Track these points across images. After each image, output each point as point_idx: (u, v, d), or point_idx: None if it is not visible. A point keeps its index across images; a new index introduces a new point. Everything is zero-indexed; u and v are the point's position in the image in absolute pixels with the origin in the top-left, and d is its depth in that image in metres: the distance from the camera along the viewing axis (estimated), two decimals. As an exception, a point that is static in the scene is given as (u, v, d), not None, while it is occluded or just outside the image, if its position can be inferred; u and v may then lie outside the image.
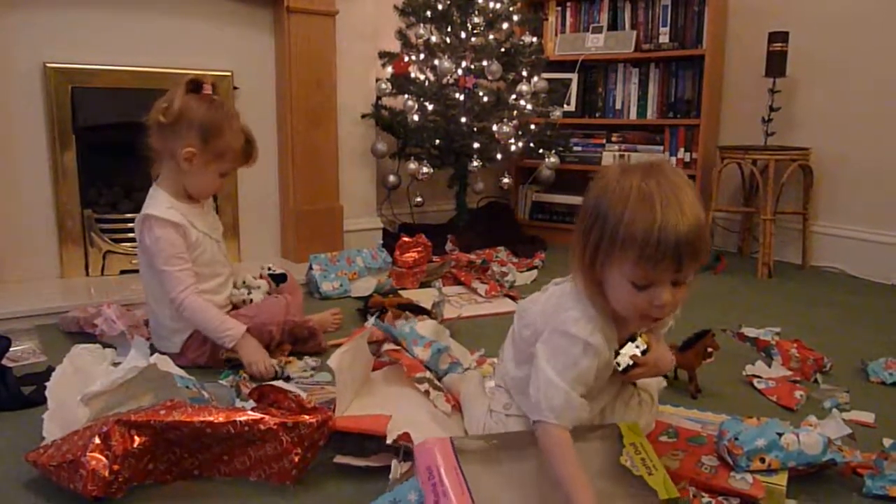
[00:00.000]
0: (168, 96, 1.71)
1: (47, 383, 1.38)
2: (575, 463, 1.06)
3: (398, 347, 1.65)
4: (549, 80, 3.18)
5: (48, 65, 2.32)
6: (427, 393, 1.45)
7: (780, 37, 2.87)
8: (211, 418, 1.20)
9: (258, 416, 1.22)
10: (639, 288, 1.06)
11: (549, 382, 1.10)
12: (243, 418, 1.21)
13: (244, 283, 1.97)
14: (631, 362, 1.19)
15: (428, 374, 1.50)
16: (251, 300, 1.91)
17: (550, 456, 1.08)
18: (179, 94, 1.69)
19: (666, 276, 1.04)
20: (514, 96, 3.02)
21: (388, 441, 1.24)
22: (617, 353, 1.18)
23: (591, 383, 1.13)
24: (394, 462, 1.22)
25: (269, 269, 2.07)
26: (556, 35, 3.63)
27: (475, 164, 2.98)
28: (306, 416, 1.22)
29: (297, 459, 1.21)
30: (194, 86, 1.74)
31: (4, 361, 1.67)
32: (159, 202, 1.73)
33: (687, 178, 1.07)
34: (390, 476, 1.19)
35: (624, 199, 1.03)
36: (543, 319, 1.18)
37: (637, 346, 1.19)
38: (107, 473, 1.13)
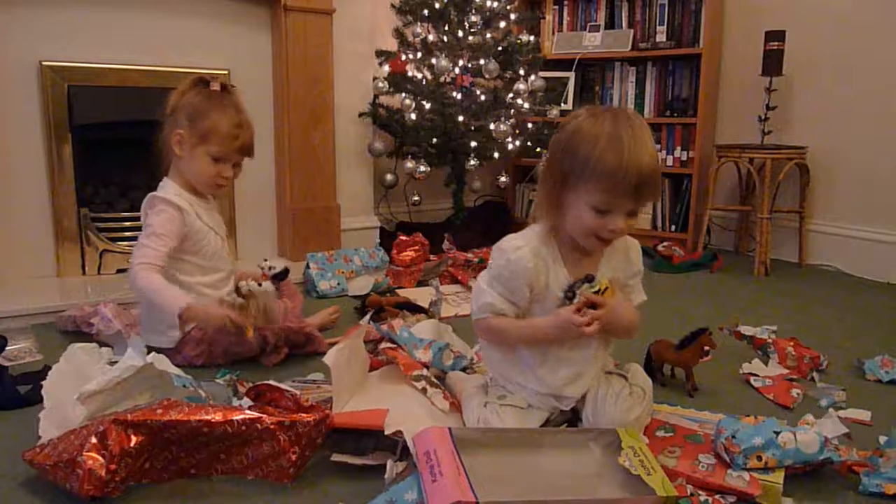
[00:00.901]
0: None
1: (44, 382, 1.38)
2: (514, 321, 1.31)
3: (394, 346, 1.65)
4: (546, 78, 3.18)
5: (44, 63, 2.32)
6: (424, 391, 1.45)
7: (776, 35, 2.87)
8: (208, 417, 1.19)
9: (255, 415, 1.21)
10: (599, 213, 1.22)
11: (479, 289, 1.32)
12: (240, 417, 1.21)
13: (249, 290, 1.83)
14: (578, 294, 1.27)
15: (425, 372, 1.50)
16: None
17: (496, 335, 1.34)
18: (180, 87, 1.76)
19: (625, 205, 1.22)
20: (511, 95, 3.02)
21: (387, 432, 1.24)
22: (570, 289, 1.29)
23: (520, 295, 1.29)
24: (389, 462, 1.22)
25: (270, 267, 2.06)
26: (553, 34, 3.63)
27: (472, 162, 2.98)
28: (303, 415, 1.22)
29: (294, 458, 1.21)
30: (202, 83, 1.79)
31: (1, 360, 1.67)
32: (168, 189, 1.79)
33: (647, 125, 1.24)
34: (386, 476, 1.19)
35: (596, 138, 1.21)
36: None
37: (591, 287, 1.27)
38: (103, 473, 1.13)
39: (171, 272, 1.76)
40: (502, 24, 3.04)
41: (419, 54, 3.00)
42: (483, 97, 2.97)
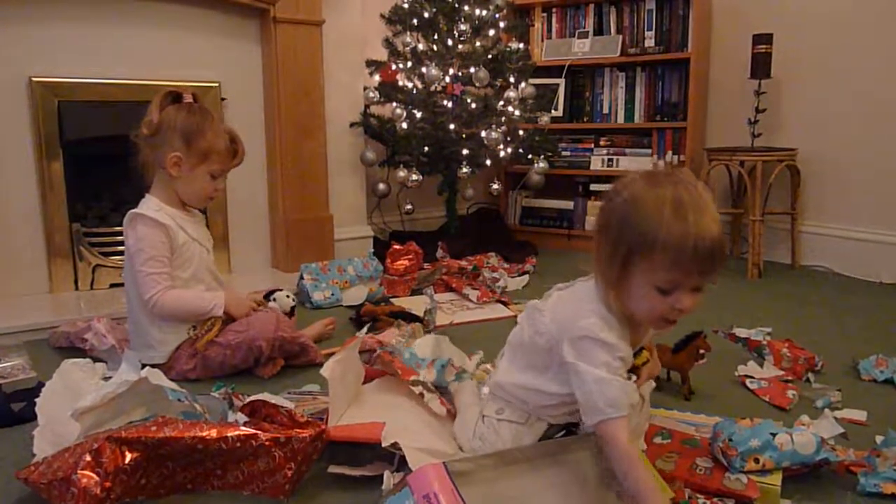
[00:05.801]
0: (149, 109, 1.75)
1: (37, 399, 1.37)
2: (642, 465, 1.10)
3: (391, 350, 1.65)
4: (536, 85, 3.19)
5: (34, 79, 2.31)
6: (421, 395, 1.44)
7: (764, 39, 2.89)
8: (203, 434, 1.19)
9: (250, 431, 1.21)
10: (663, 292, 1.10)
11: (599, 379, 1.12)
12: (235, 434, 1.20)
13: (273, 299, 2.05)
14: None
15: (422, 378, 1.50)
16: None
17: (618, 460, 1.10)
18: (157, 104, 1.74)
19: (692, 281, 1.09)
20: (501, 102, 3.03)
21: (384, 444, 1.23)
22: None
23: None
24: (385, 473, 1.21)
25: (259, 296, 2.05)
26: (542, 41, 3.65)
27: (464, 170, 2.99)
28: (299, 431, 1.21)
29: (290, 474, 1.20)
30: (174, 97, 1.77)
31: (-7, 379, 1.65)
32: (149, 205, 1.77)
33: (706, 187, 1.12)
34: (383, 487, 1.19)
35: (658, 209, 1.07)
36: (559, 328, 1.19)
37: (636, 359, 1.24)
38: (98, 490, 1.12)
39: None
40: (491, 33, 3.05)
41: (409, 63, 3.01)
42: (474, 105, 2.98)
